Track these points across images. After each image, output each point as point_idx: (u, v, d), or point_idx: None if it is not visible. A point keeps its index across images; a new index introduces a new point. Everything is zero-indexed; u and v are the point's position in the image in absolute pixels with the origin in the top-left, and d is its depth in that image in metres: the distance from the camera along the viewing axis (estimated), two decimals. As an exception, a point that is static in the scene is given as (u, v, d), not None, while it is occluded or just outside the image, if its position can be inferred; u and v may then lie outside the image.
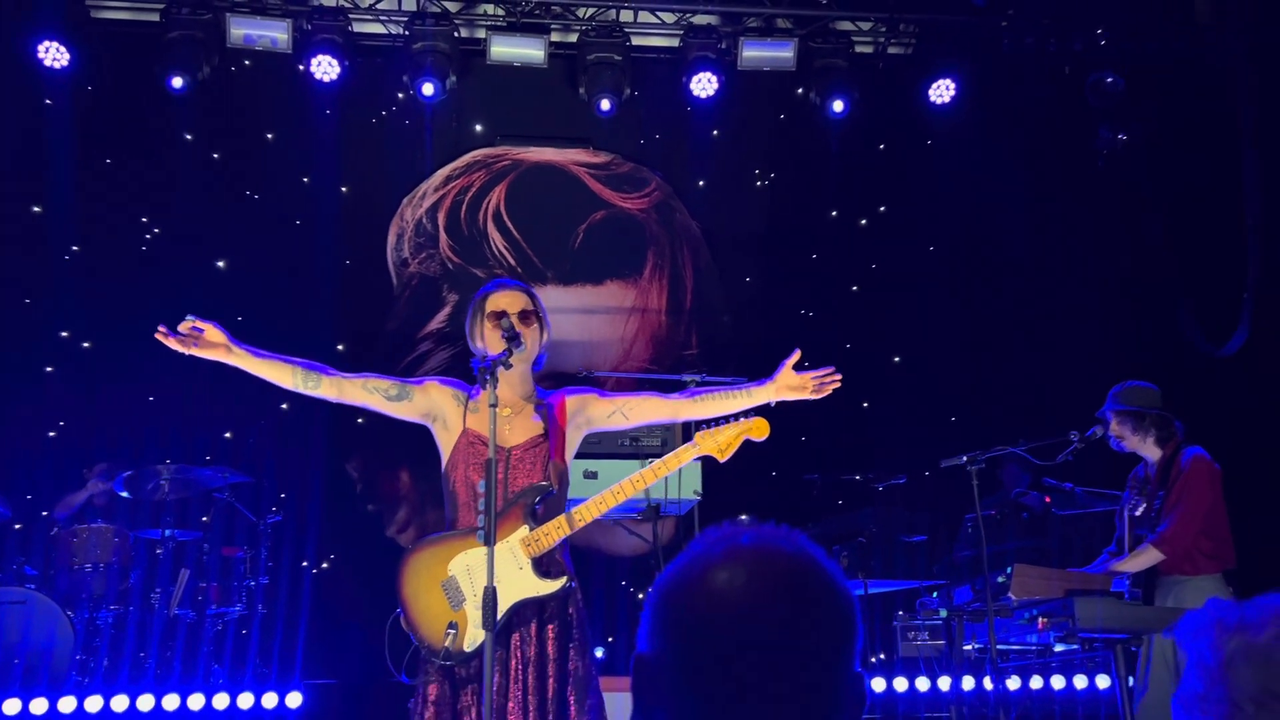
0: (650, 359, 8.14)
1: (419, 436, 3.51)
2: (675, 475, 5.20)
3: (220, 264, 7.65)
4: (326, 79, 7.52)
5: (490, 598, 2.78)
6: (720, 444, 3.36)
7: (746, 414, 3.43)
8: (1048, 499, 5.82)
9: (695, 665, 1.07)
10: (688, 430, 5.53)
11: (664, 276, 8.27)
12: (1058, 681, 6.28)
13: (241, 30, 7.44)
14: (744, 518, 1.20)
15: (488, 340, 3.34)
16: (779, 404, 3.55)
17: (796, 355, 3.43)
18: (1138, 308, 7.66)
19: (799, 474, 6.93)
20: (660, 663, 1.11)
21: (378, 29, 8.01)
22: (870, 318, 8.09)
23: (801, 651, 1.07)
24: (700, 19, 8.04)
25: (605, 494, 3.24)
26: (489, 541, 2.83)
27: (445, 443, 3.36)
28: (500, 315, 3.29)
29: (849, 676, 1.10)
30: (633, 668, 1.15)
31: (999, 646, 4.56)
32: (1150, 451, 4.78)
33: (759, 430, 3.41)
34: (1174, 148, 7.46)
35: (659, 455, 5.45)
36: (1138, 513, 4.70)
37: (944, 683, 6.13)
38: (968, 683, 5.50)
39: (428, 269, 8.02)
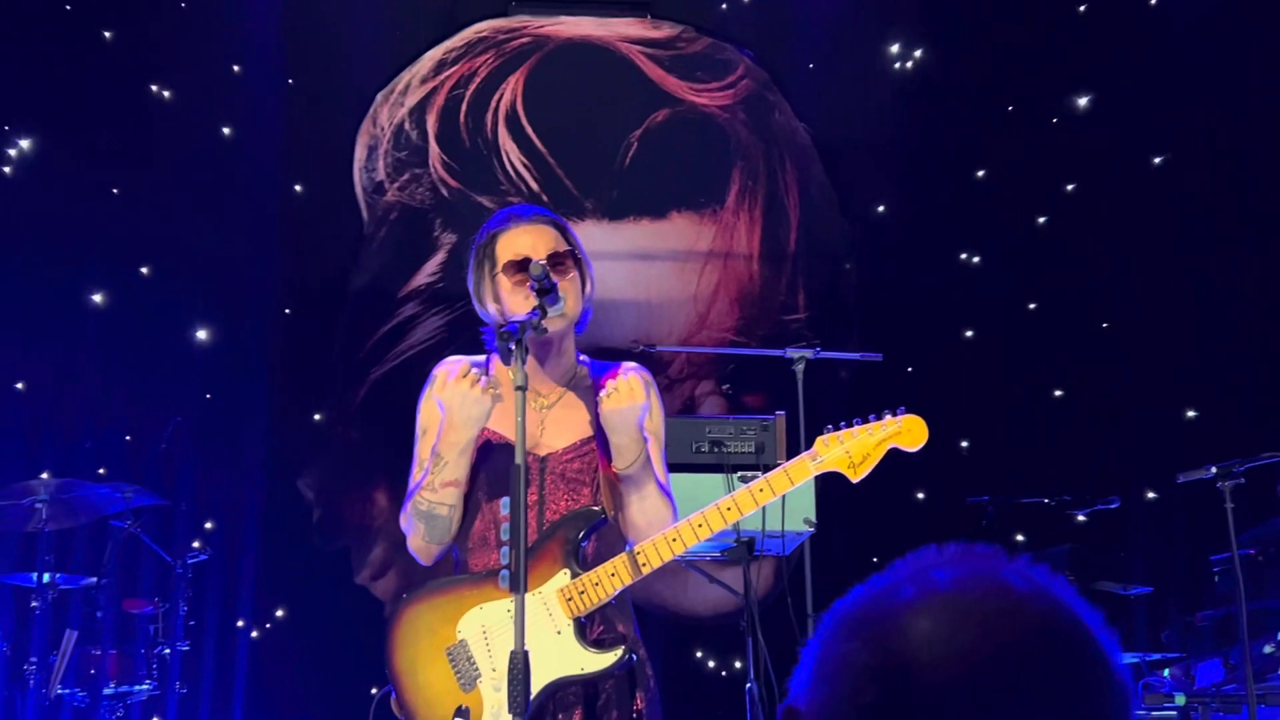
0: (736, 326, 8.12)
1: (401, 442, 3.53)
2: (778, 498, 5.18)
3: (115, 191, 7.75)
4: (265, -78, 7.60)
5: (521, 668, 2.78)
6: (854, 456, 3.33)
7: (894, 410, 3.39)
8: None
9: None
10: (794, 431, 5.51)
11: (756, 206, 8.25)
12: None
13: None
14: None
15: (506, 299, 3.33)
16: (932, 397, 3.53)
17: None
18: None
19: (959, 495, 6.89)
20: (823, 717, 1.14)
21: None
22: (1063, 265, 8.01)
23: None
24: None
25: (683, 525, 3.22)
26: (517, 588, 2.83)
27: None
28: (523, 263, 3.29)
29: None
30: None
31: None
32: None
33: (911, 435, 3.38)
34: None
35: (755, 468, 5.45)
36: None
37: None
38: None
39: (413, 197, 8.07)
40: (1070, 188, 8.20)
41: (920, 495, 7.70)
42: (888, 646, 1.12)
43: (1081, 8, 8.22)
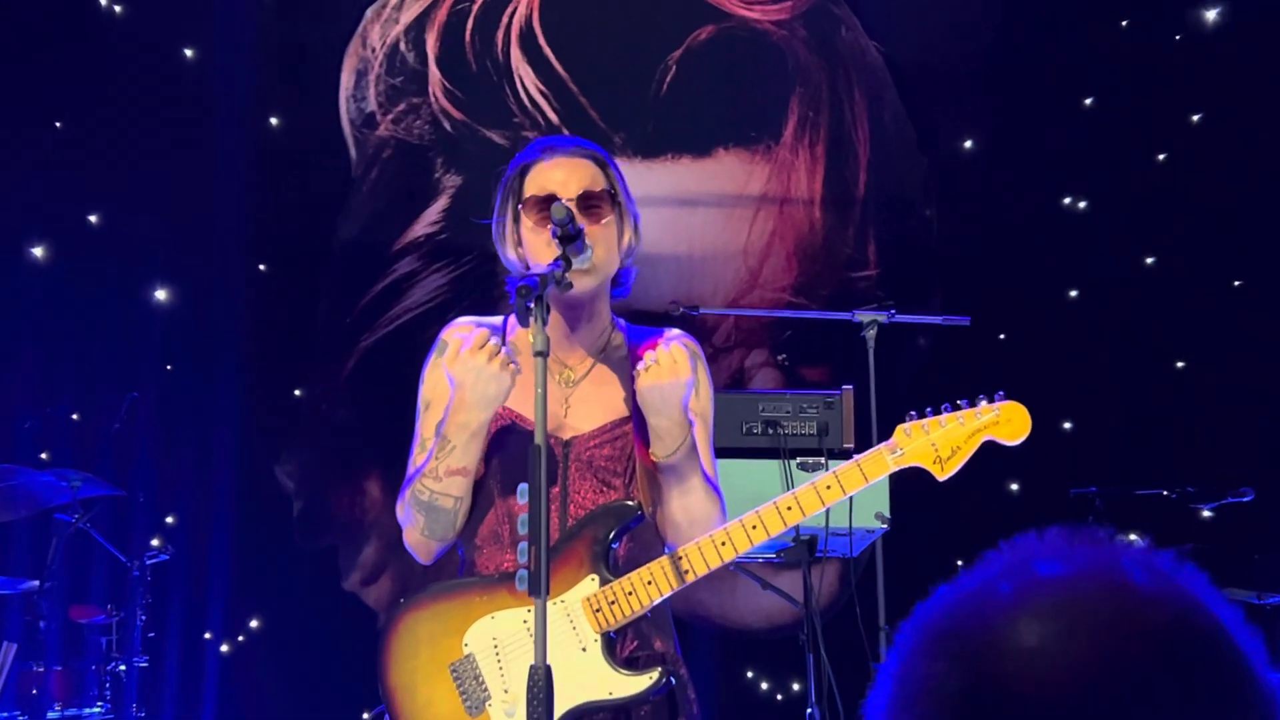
0: (795, 284, 8.12)
1: (397, 422, 3.55)
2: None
3: (58, 125, 7.79)
4: None
5: (542, 686, 2.77)
6: (941, 450, 3.30)
7: (990, 395, 3.38)
8: None
9: None
10: (863, 409, 5.52)
11: (819, 141, 8.23)
12: None
13: None
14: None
15: (527, 244, 3.33)
16: (1029, 369, 3.51)
17: None
18: None
19: (1061, 486, 6.89)
20: None
21: None
22: (1187, 211, 7.97)
23: None
24: None
25: (734, 526, 3.21)
26: (537, 591, 2.82)
27: None
28: (547, 199, 3.28)
29: None
30: None
31: None
32: None
33: (1012, 426, 3.35)
34: None
35: (818, 454, 5.46)
36: None
37: None
38: None
39: (409, 132, 8.09)
40: (1196, 119, 8.15)
41: (1014, 486, 7.69)
42: (983, 663, 1.10)
43: None
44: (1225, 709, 1.07)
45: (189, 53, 7.97)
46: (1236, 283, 7.99)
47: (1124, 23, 8.17)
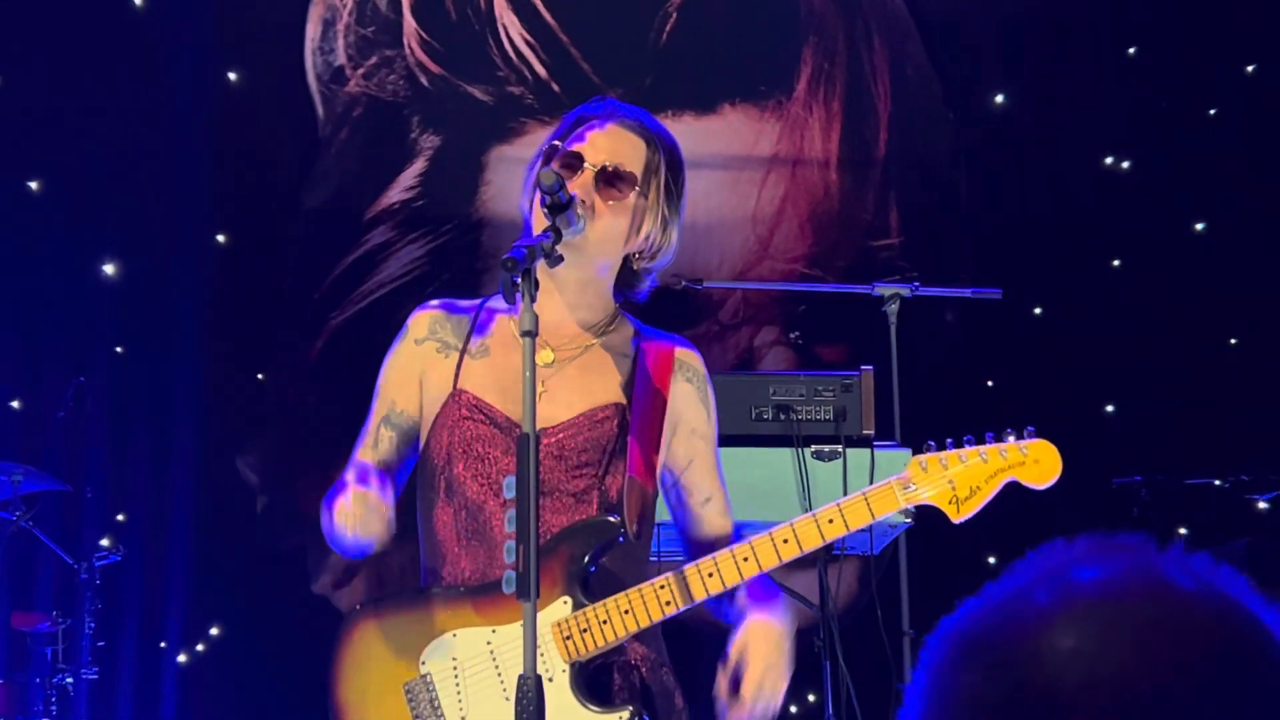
0: (809, 255, 8.11)
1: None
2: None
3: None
4: None
5: (533, 698, 2.74)
6: (959, 489, 3.30)
7: (1019, 430, 3.38)
8: None
9: None
10: (884, 392, 5.52)
11: (834, 96, 8.22)
12: None
13: None
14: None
15: (535, 201, 3.28)
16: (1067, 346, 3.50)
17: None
18: None
19: (1103, 475, 6.89)
20: None
21: None
22: (1241, 172, 7.95)
23: None
24: None
25: (724, 556, 3.22)
26: (525, 594, 2.79)
27: (424, 417, 3.41)
28: (573, 157, 3.26)
29: None
30: None
31: None
32: None
33: (1039, 469, 3.34)
34: None
35: (834, 441, 5.47)
36: None
37: None
38: None
39: (382, 88, 8.06)
40: (1251, 69, 8.13)
41: (1052, 474, 7.70)
42: (1021, 674, 1.12)
43: None
44: (1268, 710, 1.10)
45: (137, 0, 7.94)
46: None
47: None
